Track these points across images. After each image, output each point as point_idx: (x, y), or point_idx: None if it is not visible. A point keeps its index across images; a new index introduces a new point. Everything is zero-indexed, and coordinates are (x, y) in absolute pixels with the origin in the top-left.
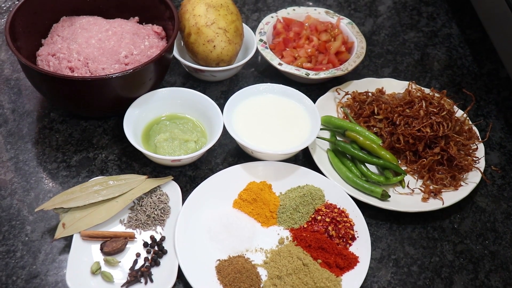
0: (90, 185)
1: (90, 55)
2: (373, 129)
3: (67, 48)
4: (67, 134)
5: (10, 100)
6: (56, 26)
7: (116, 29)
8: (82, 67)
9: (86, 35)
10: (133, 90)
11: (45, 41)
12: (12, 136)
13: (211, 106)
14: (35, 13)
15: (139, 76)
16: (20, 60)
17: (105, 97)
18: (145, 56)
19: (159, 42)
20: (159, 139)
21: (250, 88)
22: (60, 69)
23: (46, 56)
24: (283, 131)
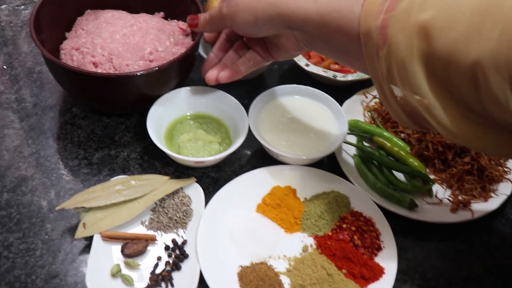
0: (112, 184)
1: (114, 50)
2: (400, 135)
3: (91, 42)
4: (89, 130)
5: (32, 94)
6: (80, 20)
7: (141, 24)
8: (106, 63)
9: (111, 30)
10: (157, 88)
11: (69, 35)
12: (33, 130)
13: (236, 106)
14: (60, 5)
15: (164, 74)
16: (44, 54)
17: (129, 94)
18: (170, 53)
19: (184, 39)
20: (182, 139)
21: (277, 89)
22: (83, 64)
23: (69, 50)
24: (309, 135)
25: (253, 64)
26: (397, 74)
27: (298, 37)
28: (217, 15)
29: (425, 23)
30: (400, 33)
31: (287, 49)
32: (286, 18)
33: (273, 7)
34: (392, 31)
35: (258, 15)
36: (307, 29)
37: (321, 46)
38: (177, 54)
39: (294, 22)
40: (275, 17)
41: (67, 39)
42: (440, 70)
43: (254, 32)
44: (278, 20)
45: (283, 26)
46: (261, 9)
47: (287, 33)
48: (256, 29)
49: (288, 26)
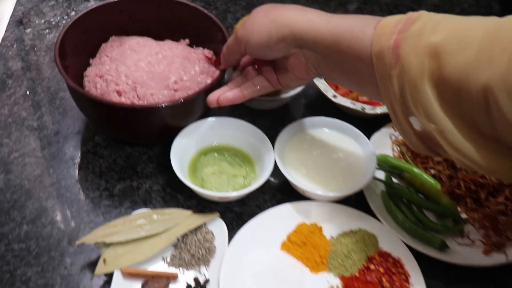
0: (133, 218)
1: (138, 79)
2: (431, 172)
3: (115, 70)
4: (111, 160)
5: (54, 121)
6: (105, 46)
7: (167, 52)
8: (130, 91)
9: (136, 58)
10: (182, 118)
11: (93, 61)
12: (55, 159)
13: (261, 138)
14: (85, 31)
15: (189, 105)
16: (68, 82)
17: (153, 125)
18: (195, 82)
19: (209, 68)
20: (206, 173)
21: (303, 122)
22: (107, 92)
23: (93, 77)
24: (337, 170)
25: (259, 89)
26: (409, 95)
27: (309, 59)
28: (232, 41)
29: (436, 45)
30: (412, 53)
31: (295, 72)
32: (299, 37)
33: (287, 27)
34: (404, 51)
35: (271, 35)
36: (319, 49)
37: (331, 68)
38: (202, 83)
39: (306, 41)
40: (288, 36)
41: (91, 65)
42: (450, 92)
43: (266, 52)
44: (290, 39)
45: (294, 45)
46: (275, 29)
47: (297, 54)
48: (268, 49)
49: (300, 45)
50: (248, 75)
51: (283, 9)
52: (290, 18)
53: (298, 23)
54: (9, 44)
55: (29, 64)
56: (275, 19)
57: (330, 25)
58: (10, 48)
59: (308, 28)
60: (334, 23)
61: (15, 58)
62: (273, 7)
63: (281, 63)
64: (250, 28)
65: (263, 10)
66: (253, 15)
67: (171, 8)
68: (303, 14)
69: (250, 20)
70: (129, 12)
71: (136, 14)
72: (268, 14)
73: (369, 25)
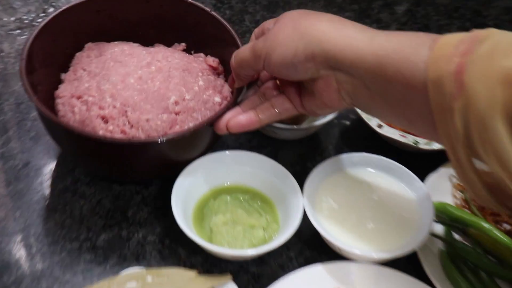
0: (122, 280)
1: (129, 100)
2: (505, 227)
3: (97, 88)
4: (95, 201)
5: (24, 148)
6: (79, 56)
7: (161, 63)
8: (119, 117)
9: (122, 71)
10: (186, 152)
11: (66, 76)
12: (23, 199)
13: (286, 178)
14: (53, 40)
15: (197, 137)
16: (37, 106)
17: (149, 162)
18: (200, 101)
19: (216, 81)
20: (216, 222)
21: (339, 159)
22: (89, 118)
23: (69, 98)
24: (383, 223)
25: (279, 113)
26: (476, 134)
27: (342, 84)
28: (249, 53)
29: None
30: (480, 81)
31: (323, 98)
32: (332, 56)
33: (318, 43)
34: (469, 78)
35: (298, 51)
36: (357, 73)
37: (372, 97)
38: (209, 102)
39: (341, 63)
40: (318, 55)
41: (64, 82)
42: None
43: (289, 72)
44: (321, 58)
45: (325, 66)
46: (303, 45)
47: (328, 77)
48: (293, 68)
49: (332, 67)
50: (267, 93)
51: (315, 19)
52: (322, 32)
53: (332, 39)
54: None
55: None
56: (304, 32)
57: (373, 43)
58: None
59: (345, 47)
60: (377, 41)
61: None
62: (304, 15)
63: (308, 84)
64: (273, 40)
65: (290, 19)
66: (279, 23)
67: (162, 5)
68: (339, 28)
69: (274, 30)
70: (108, 12)
71: (117, 14)
72: (296, 25)
73: (423, 45)
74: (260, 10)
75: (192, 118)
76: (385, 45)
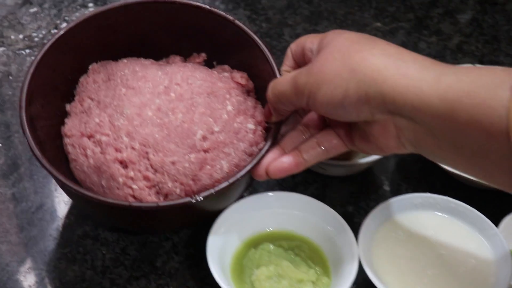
0: None
1: (149, 139)
2: None
3: (110, 125)
4: (119, 249)
5: (37, 189)
6: (84, 82)
7: (181, 87)
8: (140, 160)
9: (137, 101)
10: (221, 202)
11: (72, 108)
12: (37, 246)
13: (336, 222)
14: (54, 70)
15: (234, 187)
16: (41, 162)
17: (179, 219)
18: (231, 132)
19: (246, 101)
20: (258, 276)
21: (400, 200)
22: (105, 164)
23: (79, 138)
24: (450, 277)
25: (326, 152)
26: None
27: (403, 130)
28: (290, 88)
29: None
30: None
31: (379, 143)
32: (390, 100)
33: (372, 83)
34: None
35: (349, 91)
36: (421, 119)
37: (440, 145)
38: (241, 130)
39: (401, 108)
40: (373, 97)
41: (70, 115)
42: None
43: (338, 113)
44: (376, 101)
45: (382, 110)
46: (355, 84)
47: (386, 122)
48: (342, 110)
49: (390, 112)
50: (311, 126)
51: (368, 52)
52: (378, 69)
53: (390, 79)
54: None
55: (1, 102)
56: (356, 68)
57: (440, 85)
58: None
59: (405, 89)
60: (445, 81)
61: None
62: (354, 45)
63: (361, 124)
64: (318, 76)
65: (338, 49)
66: (325, 53)
67: (176, 12)
68: (397, 64)
69: (319, 63)
70: (112, 27)
71: (122, 27)
72: (345, 58)
73: (502, 85)
74: (301, 22)
75: (224, 154)
76: (455, 87)
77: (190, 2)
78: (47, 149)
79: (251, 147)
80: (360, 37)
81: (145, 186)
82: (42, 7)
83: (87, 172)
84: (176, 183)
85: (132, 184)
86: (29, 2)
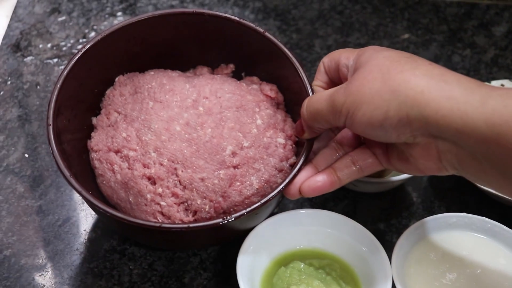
0: None
1: (177, 155)
2: None
3: (138, 139)
4: (146, 264)
5: (63, 201)
6: (111, 95)
7: (210, 101)
8: (169, 177)
9: (164, 116)
10: (251, 221)
11: (98, 121)
12: (64, 260)
13: (368, 240)
14: (81, 84)
15: (265, 206)
16: (80, 192)
17: (208, 239)
18: (260, 147)
19: (276, 115)
20: None
21: (433, 221)
22: (133, 179)
23: (106, 153)
24: None
25: (361, 170)
26: None
27: (445, 153)
28: (326, 107)
29: None
30: None
31: (418, 165)
32: (433, 123)
33: (414, 105)
34: None
35: (389, 113)
36: (465, 143)
37: (484, 170)
38: (271, 145)
39: (445, 131)
40: (415, 120)
41: (96, 129)
42: None
43: (378, 134)
44: (418, 124)
45: (424, 133)
46: (396, 105)
47: (427, 144)
48: (382, 132)
49: (432, 135)
50: (345, 144)
51: (410, 72)
52: (420, 90)
53: (433, 101)
54: (1, 80)
55: (28, 112)
56: (397, 89)
57: (486, 108)
58: (1, 86)
59: (449, 112)
60: (491, 105)
61: (9, 102)
62: (395, 64)
63: (400, 146)
64: (357, 95)
65: (378, 68)
66: (364, 72)
67: (204, 23)
68: (440, 85)
69: (358, 82)
70: (140, 38)
71: (150, 38)
72: (386, 78)
73: None
74: (332, 33)
75: (253, 170)
76: (502, 111)
77: (219, 13)
78: (73, 164)
79: (281, 162)
80: (400, 56)
81: (174, 203)
82: (71, 16)
83: (114, 187)
84: (205, 199)
85: (161, 200)
86: (57, 11)
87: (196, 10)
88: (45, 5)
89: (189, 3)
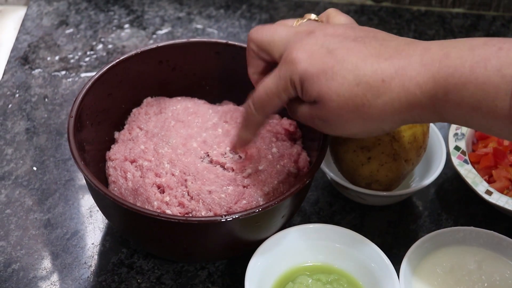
0: None
1: (190, 167)
2: None
3: (154, 152)
4: (154, 278)
5: (72, 215)
6: (137, 113)
7: (229, 125)
8: (178, 187)
9: (184, 133)
10: (257, 232)
11: (120, 136)
12: (72, 274)
13: (377, 257)
14: (109, 95)
15: (269, 215)
16: (86, 175)
17: (214, 243)
18: (273, 172)
19: (291, 148)
20: None
21: (441, 235)
22: (143, 186)
23: (121, 162)
24: None
25: None
26: None
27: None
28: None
29: None
30: None
31: None
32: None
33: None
34: None
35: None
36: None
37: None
38: (283, 174)
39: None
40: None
41: (117, 142)
42: None
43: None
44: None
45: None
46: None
47: None
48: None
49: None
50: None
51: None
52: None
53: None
54: (9, 93)
55: (36, 125)
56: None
57: (430, 68)
58: (9, 98)
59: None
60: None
61: (17, 114)
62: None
63: None
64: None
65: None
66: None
67: (234, 57)
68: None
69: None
70: (172, 63)
71: (182, 65)
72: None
73: (507, 67)
74: None
75: (262, 192)
76: (452, 74)
77: None
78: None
79: (290, 190)
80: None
81: (179, 213)
82: (78, 28)
83: (124, 194)
84: (210, 212)
85: (166, 209)
86: (65, 23)
87: (229, 42)
88: (53, 18)
89: (195, 15)
